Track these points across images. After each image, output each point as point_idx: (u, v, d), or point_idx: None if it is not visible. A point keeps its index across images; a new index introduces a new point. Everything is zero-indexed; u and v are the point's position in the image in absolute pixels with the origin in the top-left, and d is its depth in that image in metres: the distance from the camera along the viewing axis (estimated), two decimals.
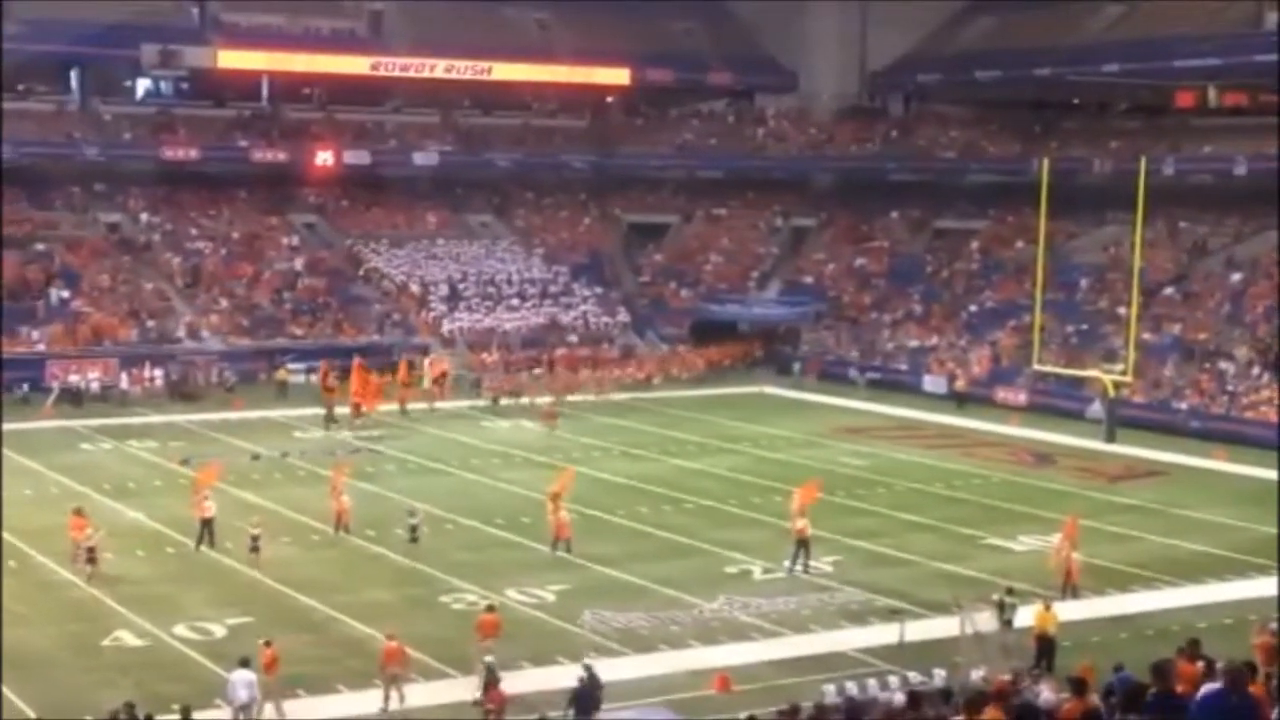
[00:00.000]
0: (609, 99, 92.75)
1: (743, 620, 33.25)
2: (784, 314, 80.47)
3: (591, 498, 43.92)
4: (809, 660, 30.23)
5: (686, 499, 45.63)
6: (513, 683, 27.47)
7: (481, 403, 62.71)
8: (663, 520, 42.68)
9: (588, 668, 26.35)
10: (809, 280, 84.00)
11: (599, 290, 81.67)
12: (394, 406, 59.73)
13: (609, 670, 29.40)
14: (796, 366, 72.90)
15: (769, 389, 69.91)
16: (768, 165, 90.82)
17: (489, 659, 26.82)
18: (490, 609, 30.37)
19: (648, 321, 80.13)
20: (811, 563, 37.19)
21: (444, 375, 64.13)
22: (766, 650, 31.23)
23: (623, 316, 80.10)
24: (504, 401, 63.15)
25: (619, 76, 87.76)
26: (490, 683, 26.00)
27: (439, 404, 61.40)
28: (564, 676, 28.50)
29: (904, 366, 71.39)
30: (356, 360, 60.96)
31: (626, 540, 40.43)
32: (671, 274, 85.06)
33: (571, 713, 25.42)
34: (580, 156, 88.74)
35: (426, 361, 69.26)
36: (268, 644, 27.27)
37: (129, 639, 31.03)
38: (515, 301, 78.83)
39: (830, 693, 26.34)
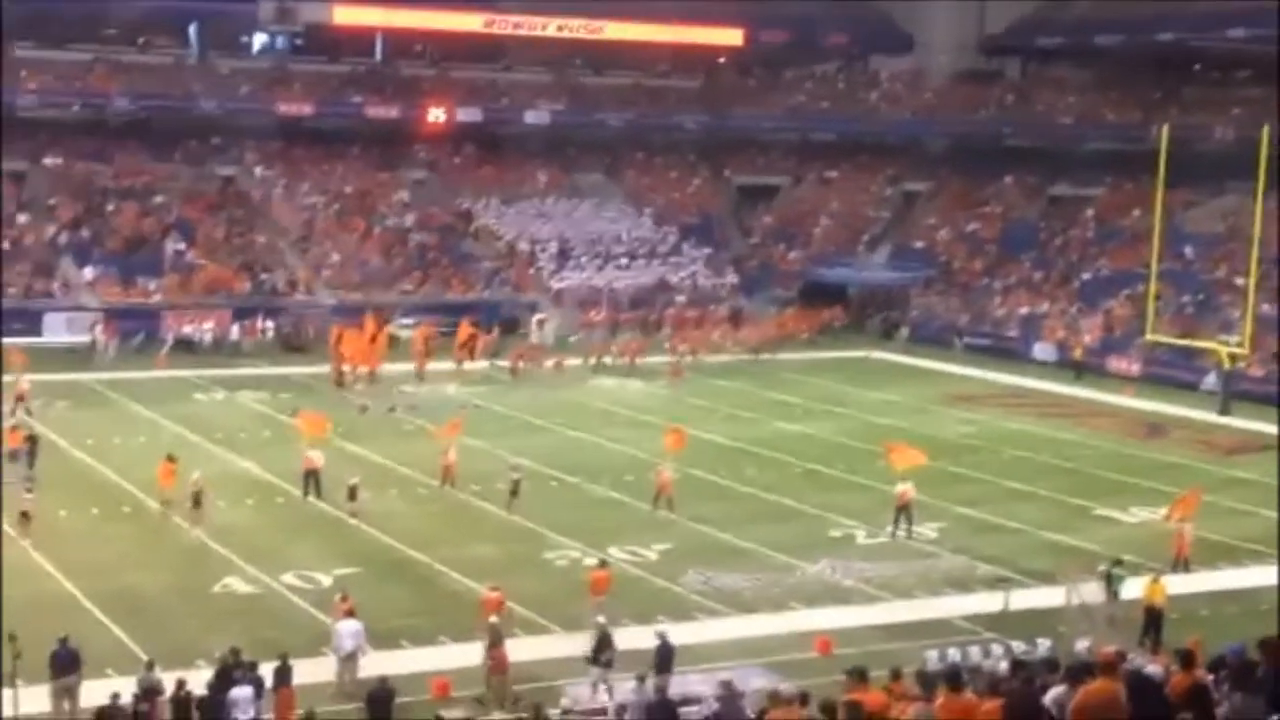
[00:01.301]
0: (722, 60, 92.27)
1: (845, 584, 33.13)
2: (893, 278, 79.88)
3: (696, 459, 43.85)
4: (911, 626, 30.06)
5: (791, 462, 45.49)
6: (619, 639, 27.64)
7: (591, 361, 62.66)
8: (767, 483, 42.56)
9: (662, 635, 26.32)
10: (919, 245, 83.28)
11: (708, 251, 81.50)
12: (502, 364, 59.94)
13: (711, 631, 29.53)
14: (904, 331, 72.34)
15: (876, 353, 69.44)
16: (880, 129, 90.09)
17: (600, 618, 26.82)
18: (602, 564, 30.44)
19: (756, 283, 79.82)
20: (915, 529, 36.98)
21: (473, 339, 62.11)
22: (868, 615, 31.11)
23: (731, 278, 79.90)
24: (609, 360, 63.04)
25: (732, 37, 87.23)
26: (493, 642, 25.92)
27: (467, 364, 60.72)
28: (669, 634, 28.62)
29: (1014, 333, 70.61)
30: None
31: (730, 502, 40.39)
32: (781, 236, 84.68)
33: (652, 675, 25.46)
34: (692, 117, 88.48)
35: (535, 319, 69.60)
36: (344, 597, 27.61)
37: (239, 586, 31.48)
38: (624, 261, 78.86)
39: (932, 659, 26.15)
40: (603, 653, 25.75)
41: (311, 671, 25.60)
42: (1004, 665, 21.26)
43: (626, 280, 77.13)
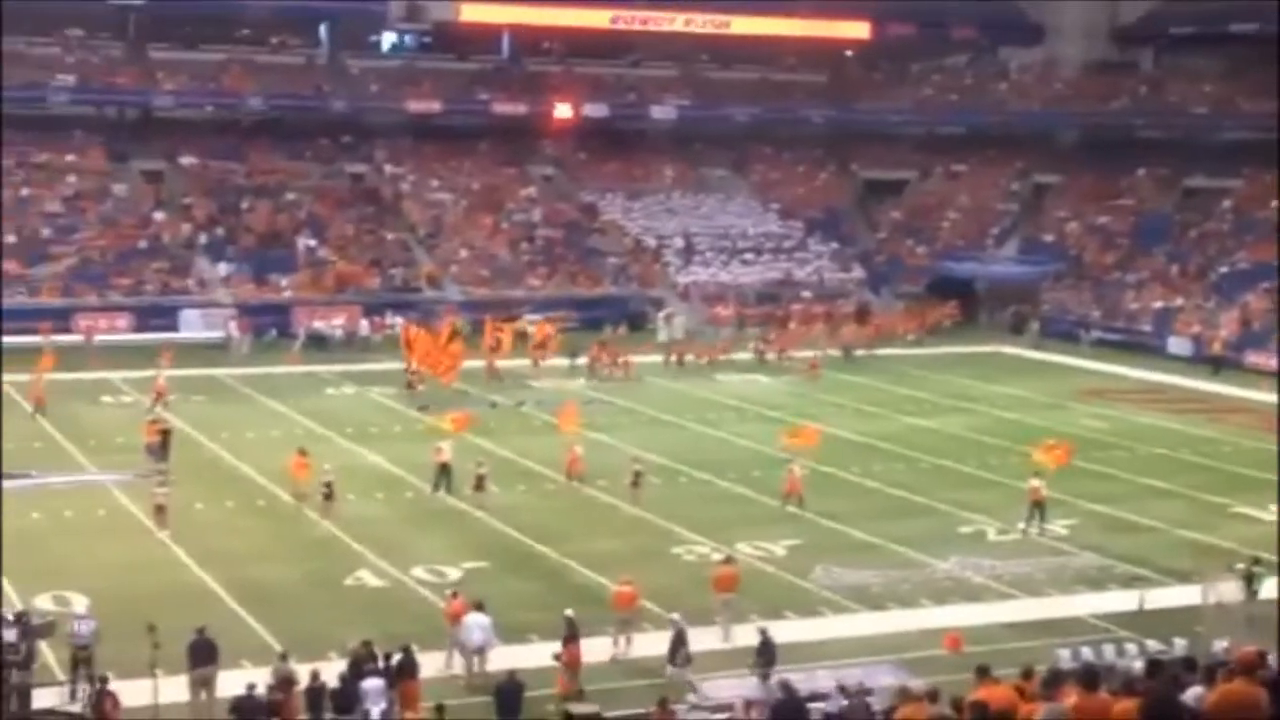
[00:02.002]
0: (849, 53, 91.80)
1: (975, 581, 32.76)
2: (1023, 272, 78.86)
3: (824, 454, 43.62)
4: (1043, 624, 29.65)
5: (920, 457, 45.09)
6: (743, 636, 27.61)
7: (718, 356, 62.53)
8: (896, 478, 42.23)
9: (763, 631, 26.18)
10: (1049, 238, 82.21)
11: (834, 246, 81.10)
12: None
13: (838, 627, 29.36)
14: (1035, 326, 71.39)
15: (1005, 348, 68.66)
16: (1010, 121, 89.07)
17: (719, 619, 26.73)
18: (728, 561, 30.34)
19: (883, 278, 79.30)
20: (1047, 525, 36.50)
21: (547, 339, 60.69)
22: (999, 612, 30.73)
23: (858, 273, 79.44)
24: (735, 356, 62.88)
25: (859, 30, 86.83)
26: (569, 637, 25.87)
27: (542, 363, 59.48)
28: (791, 631, 28.58)
29: (1147, 328, 69.46)
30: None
31: (859, 497, 40.12)
32: (908, 231, 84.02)
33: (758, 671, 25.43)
34: (818, 111, 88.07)
35: (661, 315, 69.64)
36: (454, 594, 27.76)
37: (369, 579, 31.80)
38: (750, 256, 78.70)
39: (1065, 657, 25.74)
40: (678, 652, 25.69)
41: (440, 664, 25.79)
42: (1139, 665, 20.88)
43: (752, 275, 76.96)
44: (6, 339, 57.96)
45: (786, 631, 28.61)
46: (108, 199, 73.28)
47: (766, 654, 25.63)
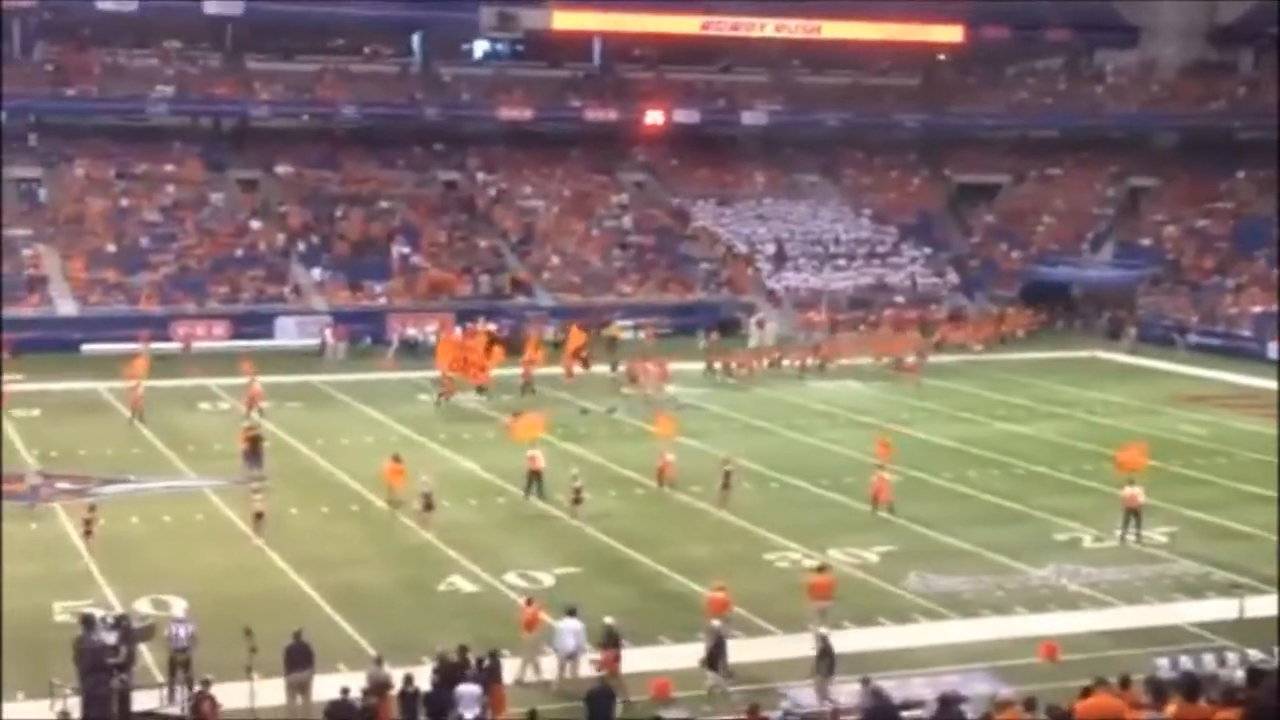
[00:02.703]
0: (941, 57, 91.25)
1: (1071, 589, 32.38)
2: (1119, 277, 78.02)
3: (917, 460, 43.42)
4: (1141, 632, 29.24)
5: (1014, 463, 44.70)
6: (837, 643, 27.51)
7: (810, 362, 62.31)
8: (989, 484, 41.88)
9: (823, 638, 26.01)
10: (1146, 242, 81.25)
11: (927, 251, 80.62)
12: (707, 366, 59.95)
13: (932, 634, 29.14)
14: (1133, 332, 70.52)
15: (1101, 353, 67.93)
16: (1105, 124, 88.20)
17: (822, 629, 26.57)
18: (822, 569, 30.18)
19: (977, 283, 78.73)
20: (1144, 533, 36.02)
21: (582, 348, 58.77)
22: (1096, 620, 30.35)
23: (951, 278, 78.93)
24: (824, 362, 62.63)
25: (952, 34, 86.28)
26: (607, 644, 25.79)
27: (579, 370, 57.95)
28: (884, 638, 28.46)
29: (1247, 332, 68.44)
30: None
31: (952, 503, 39.81)
32: (1002, 235, 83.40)
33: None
34: (911, 115, 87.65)
35: (753, 321, 69.57)
36: (529, 602, 27.79)
37: (463, 584, 31.94)
38: (842, 262, 78.42)
39: (1164, 666, 25.36)
40: (823, 660, 25.53)
41: (532, 670, 25.87)
42: (1240, 674, 20.56)
43: (845, 281, 76.66)
44: (106, 346, 58.91)
45: (879, 639, 28.60)
46: (205, 208, 74.21)
47: (827, 660, 25.52)
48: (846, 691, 24.05)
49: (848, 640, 28.15)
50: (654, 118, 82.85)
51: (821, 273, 77.19)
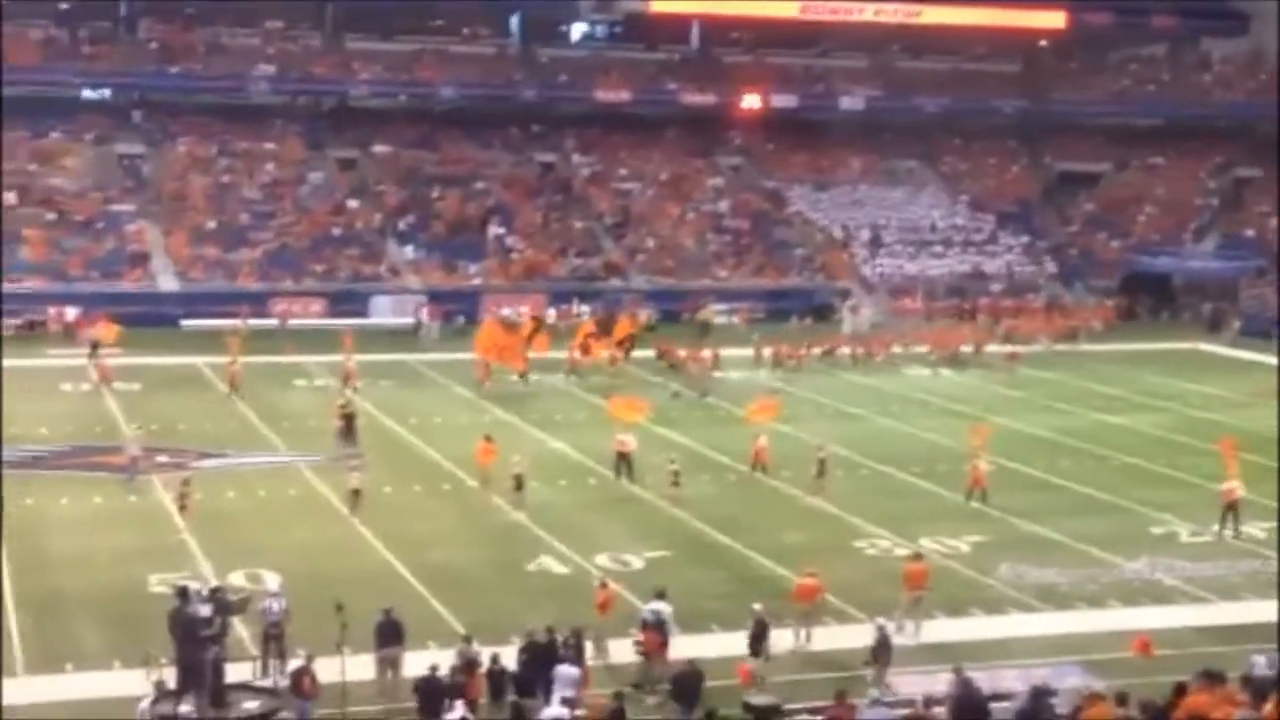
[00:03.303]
0: (1042, 42, 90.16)
1: (1166, 583, 31.97)
2: (1221, 268, 76.91)
3: (1011, 450, 43.01)
4: (1237, 629, 28.76)
5: (1110, 455, 44.17)
6: (929, 632, 27.44)
7: (900, 350, 61.93)
8: (1084, 476, 41.40)
9: (881, 628, 25.85)
10: (1250, 233, 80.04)
11: (1025, 239, 79.88)
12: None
13: (1023, 626, 28.89)
14: (1236, 324, 69.37)
15: (1202, 345, 66.94)
16: (1211, 113, 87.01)
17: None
18: (918, 557, 29.96)
19: (1075, 272, 77.91)
20: (1243, 528, 35.50)
21: (629, 339, 57.62)
22: (1191, 615, 29.94)
23: (1049, 267, 78.15)
24: (919, 349, 62.16)
25: (1054, 19, 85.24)
26: (648, 624, 25.60)
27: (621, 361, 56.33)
28: (976, 629, 28.29)
29: None
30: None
31: (1046, 494, 39.42)
32: (1102, 224, 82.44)
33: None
34: (1010, 102, 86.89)
35: (847, 306, 69.24)
36: (603, 584, 27.82)
37: (552, 565, 32.03)
38: (939, 249, 77.88)
39: (1260, 664, 24.93)
40: (881, 651, 25.42)
41: (620, 652, 25.90)
42: None
43: (941, 268, 76.11)
44: (205, 322, 59.64)
45: (970, 629, 28.43)
46: (304, 186, 74.89)
47: (883, 652, 25.39)
48: (937, 681, 23.87)
49: (939, 630, 28.09)
50: (751, 101, 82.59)
51: (917, 259, 76.68)
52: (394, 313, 65.44)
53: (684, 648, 25.37)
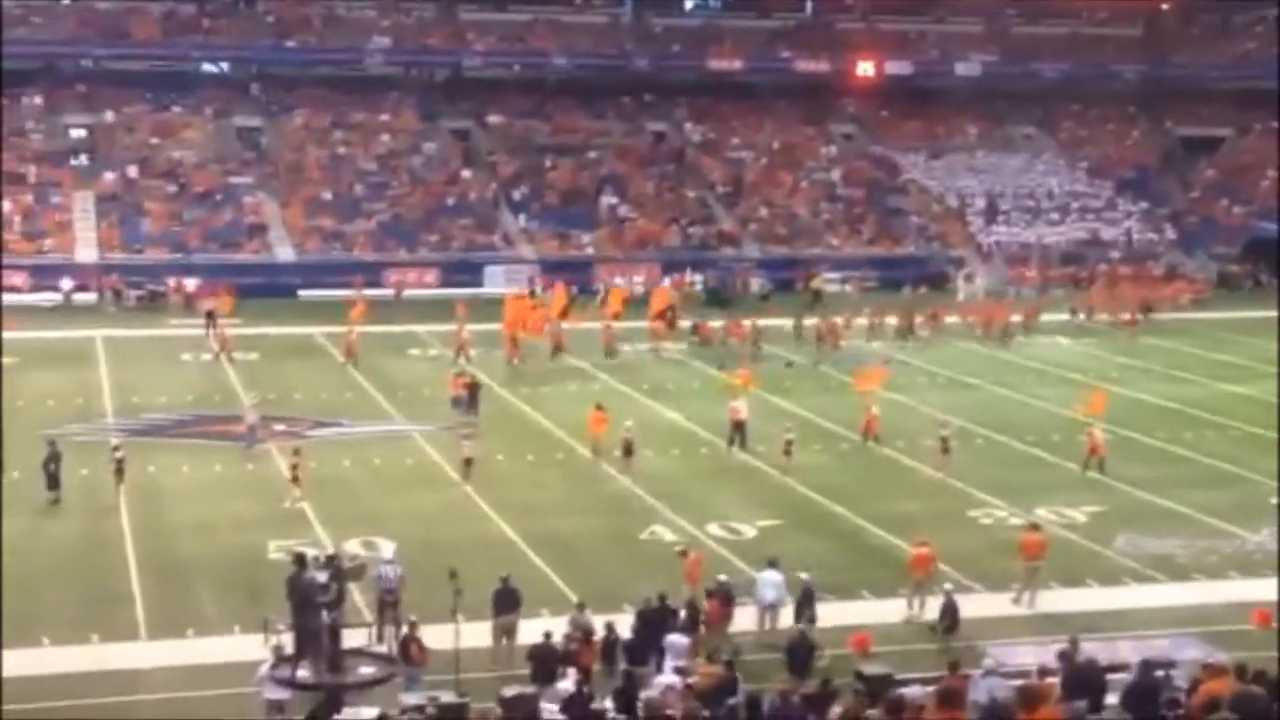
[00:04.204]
0: (1164, 5, 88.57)
1: None
2: None
3: (1129, 419, 42.43)
4: None
5: (1232, 425, 43.41)
6: (1044, 602, 27.23)
7: (1016, 318, 61.23)
8: (1205, 446, 40.75)
9: (948, 593, 25.84)
10: None
11: (1144, 206, 78.68)
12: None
13: (1141, 597, 28.54)
14: None
15: None
16: None
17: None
18: (1035, 527, 29.67)
19: (1196, 240, 76.62)
20: None
21: (670, 309, 55.96)
22: None
23: (1169, 234, 76.89)
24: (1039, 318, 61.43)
25: None
26: (713, 593, 25.48)
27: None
28: (1092, 599, 28.03)
29: None
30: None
31: (1165, 464, 38.86)
32: (1224, 190, 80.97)
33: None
34: (1131, 66, 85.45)
35: (962, 275, 68.64)
36: (683, 553, 27.81)
37: (665, 534, 32.06)
38: (1055, 216, 76.95)
39: None
40: (804, 611, 25.33)
41: (735, 621, 25.88)
42: None
43: (1058, 236, 75.20)
44: (321, 292, 60.30)
45: (1087, 600, 28.19)
46: (418, 157, 75.40)
47: (949, 618, 25.43)
48: (1052, 652, 23.64)
49: (1054, 600, 27.87)
50: (865, 69, 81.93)
51: (1034, 227, 75.79)
52: (507, 282, 65.63)
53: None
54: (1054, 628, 25.28)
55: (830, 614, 26.17)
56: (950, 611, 25.61)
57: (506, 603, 24.81)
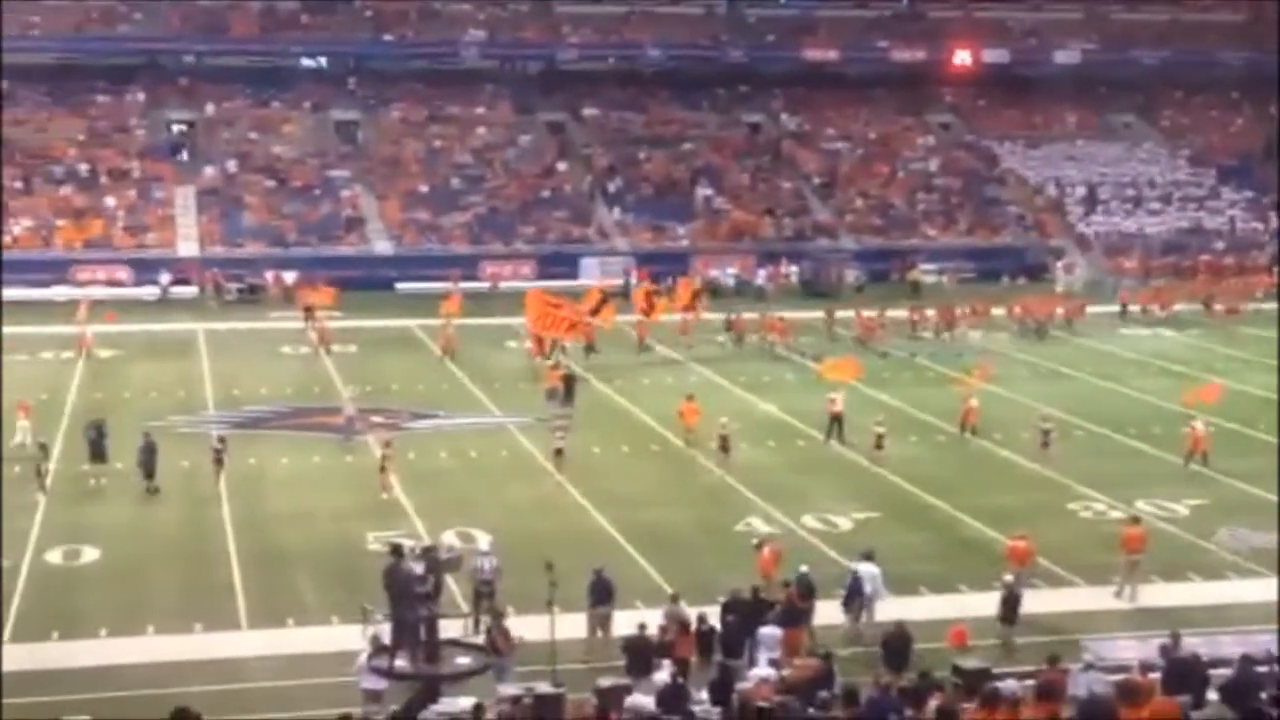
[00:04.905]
0: None
1: None
2: None
3: (1233, 411, 41.74)
4: None
5: None
6: (1146, 596, 26.98)
7: (1117, 309, 60.57)
8: None
9: (1009, 585, 25.52)
10: None
11: (1248, 194, 77.46)
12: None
13: (1245, 592, 28.10)
14: None
15: None
16: None
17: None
18: (1136, 521, 29.31)
19: None
20: None
21: (697, 296, 55.47)
22: None
23: (1274, 222, 75.63)
24: (1138, 308, 60.68)
25: None
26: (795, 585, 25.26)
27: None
28: (1193, 594, 27.69)
29: None
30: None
31: (1268, 457, 38.06)
32: None
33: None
34: (1235, 53, 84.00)
35: (1060, 265, 68.01)
36: (759, 545, 27.65)
37: (759, 526, 31.98)
38: (1156, 205, 75.91)
39: None
40: (852, 601, 25.35)
41: (828, 614, 25.79)
42: None
43: (1159, 225, 74.20)
44: (418, 285, 60.71)
45: (1188, 594, 27.81)
46: (513, 150, 75.69)
47: (1010, 609, 25.27)
48: (1153, 646, 23.38)
49: (1155, 595, 27.56)
50: (962, 58, 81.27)
51: (1134, 216, 74.86)
52: (603, 274, 65.75)
53: (892, 610, 25.18)
54: (1155, 622, 24.96)
55: (926, 607, 25.99)
56: (1009, 602, 25.33)
57: (602, 594, 24.89)
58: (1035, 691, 17.16)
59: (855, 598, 25.63)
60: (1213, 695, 18.27)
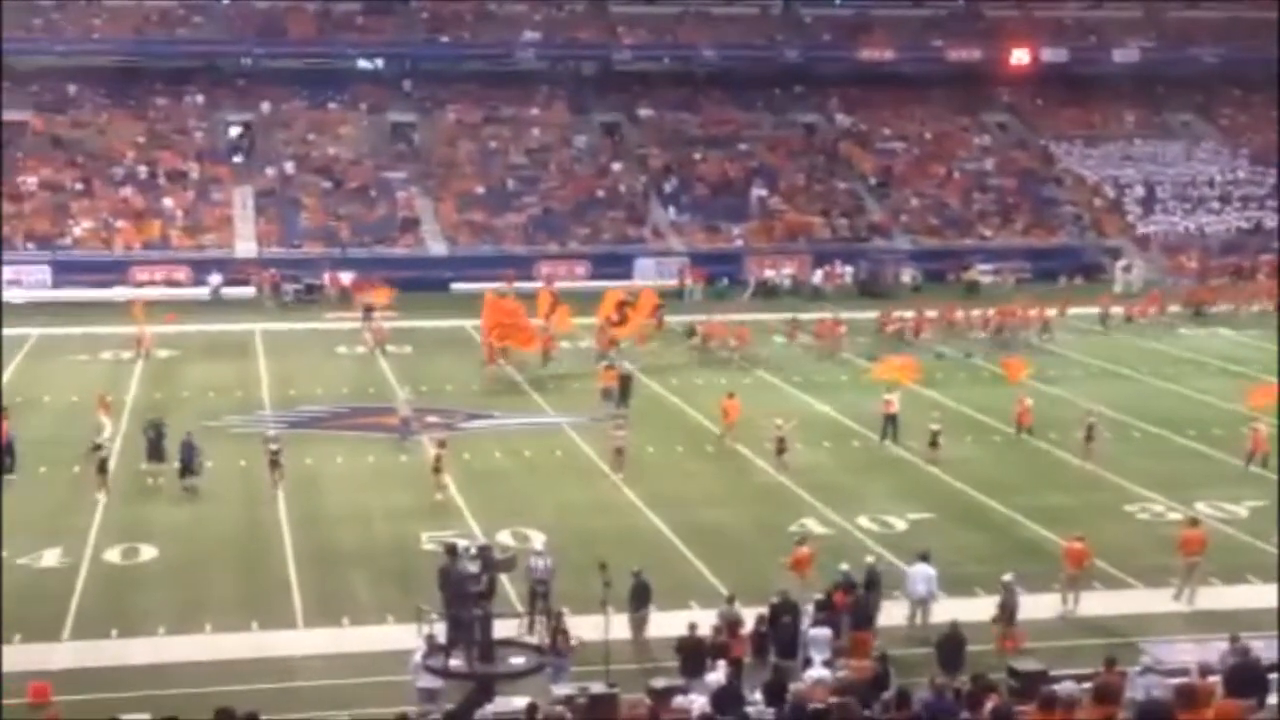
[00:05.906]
0: None
1: None
2: None
3: None
4: None
5: None
6: (1204, 599, 26.77)
7: (1177, 309, 60.11)
8: None
9: (1007, 585, 25.34)
10: None
11: None
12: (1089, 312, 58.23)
13: None
14: None
15: None
16: None
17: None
18: (1194, 523, 29.05)
19: None
20: None
21: (657, 309, 52.61)
22: None
23: None
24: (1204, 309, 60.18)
25: None
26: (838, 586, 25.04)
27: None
28: (1253, 596, 27.39)
29: None
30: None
31: None
32: None
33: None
34: None
35: (1119, 266, 67.54)
36: (800, 542, 27.56)
37: (815, 526, 31.91)
38: (1216, 205, 75.29)
39: None
40: (1004, 609, 25.20)
41: (886, 614, 25.71)
42: None
43: (1218, 225, 73.59)
44: (473, 285, 60.81)
45: (1248, 597, 27.55)
46: (568, 150, 75.79)
47: (1008, 610, 25.19)
48: (1213, 650, 23.19)
49: (1215, 597, 27.32)
50: (1019, 57, 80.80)
51: (1193, 216, 74.26)
52: (657, 275, 65.74)
53: (948, 611, 25.08)
54: (1214, 625, 24.75)
55: (981, 608, 25.86)
56: (1007, 604, 25.23)
57: (643, 597, 25.00)
58: (1093, 694, 17.01)
59: (871, 592, 25.49)
60: (1273, 699, 18.06)
